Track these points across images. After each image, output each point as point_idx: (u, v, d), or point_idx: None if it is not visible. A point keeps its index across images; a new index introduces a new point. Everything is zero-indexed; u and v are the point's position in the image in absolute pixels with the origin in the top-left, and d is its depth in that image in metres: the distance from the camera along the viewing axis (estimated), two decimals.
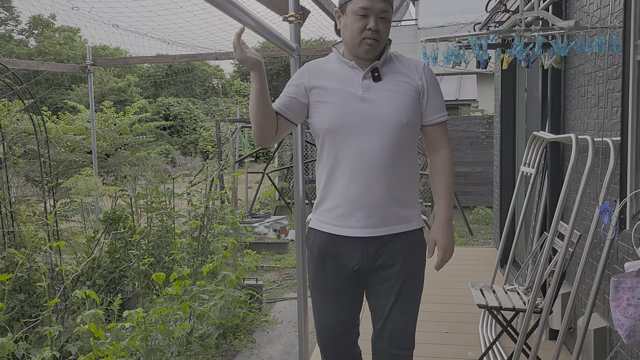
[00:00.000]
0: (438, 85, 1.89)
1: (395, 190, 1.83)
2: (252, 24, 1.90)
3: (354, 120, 1.79)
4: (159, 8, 5.46)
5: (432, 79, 1.88)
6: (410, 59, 1.91)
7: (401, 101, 1.81)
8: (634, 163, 2.18)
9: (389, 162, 1.80)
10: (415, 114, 1.83)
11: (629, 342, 1.82)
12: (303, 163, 2.55)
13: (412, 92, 1.83)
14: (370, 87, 1.81)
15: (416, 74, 1.86)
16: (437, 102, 1.87)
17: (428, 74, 1.88)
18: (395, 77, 1.84)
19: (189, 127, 24.07)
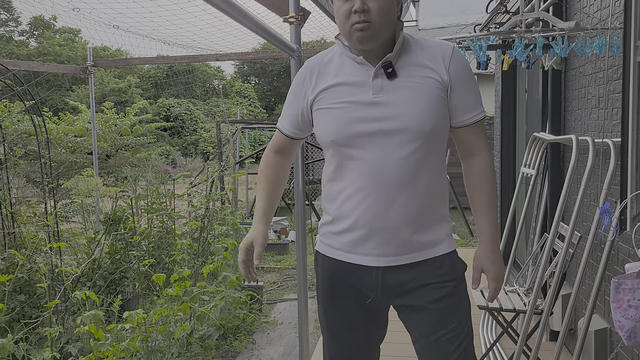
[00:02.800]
0: (470, 75, 1.50)
1: (419, 212, 1.48)
2: (253, 25, 1.90)
3: (364, 130, 1.45)
4: (159, 9, 5.46)
5: (463, 68, 1.48)
6: (434, 44, 1.50)
7: (423, 103, 1.43)
8: (634, 164, 2.18)
9: (411, 179, 1.45)
10: (441, 118, 1.46)
11: (630, 343, 1.82)
12: (303, 164, 2.55)
13: (436, 89, 1.45)
14: (383, 87, 1.45)
15: (442, 64, 1.46)
16: (470, 98, 1.49)
17: (457, 62, 1.47)
18: (414, 70, 1.46)
19: (189, 128, 24.08)
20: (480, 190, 1.54)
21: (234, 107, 24.29)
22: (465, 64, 1.51)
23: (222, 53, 6.42)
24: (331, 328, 1.63)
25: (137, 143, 11.55)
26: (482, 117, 1.52)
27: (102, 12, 5.76)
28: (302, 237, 2.57)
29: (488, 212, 1.53)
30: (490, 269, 1.55)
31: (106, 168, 10.95)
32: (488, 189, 1.54)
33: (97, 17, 5.57)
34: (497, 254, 1.55)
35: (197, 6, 5.65)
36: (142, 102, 13.56)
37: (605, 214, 2.28)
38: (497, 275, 1.55)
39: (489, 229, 1.54)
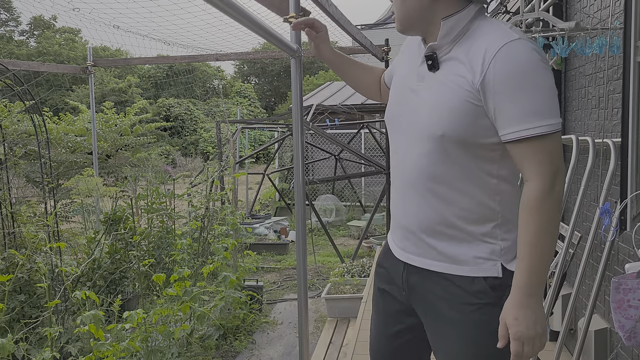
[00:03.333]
0: (520, 81, 1.19)
1: (435, 221, 1.34)
2: (253, 25, 1.90)
3: (400, 115, 1.40)
4: (159, 9, 5.46)
5: (508, 71, 1.19)
6: (489, 35, 1.25)
7: (443, 104, 1.27)
8: (634, 164, 2.18)
9: (424, 183, 1.34)
10: (458, 126, 1.25)
11: (630, 343, 1.82)
12: (303, 164, 2.55)
13: (463, 92, 1.24)
14: (425, 76, 1.33)
15: (481, 62, 1.22)
16: (515, 108, 1.20)
17: (501, 63, 1.19)
18: (453, 67, 1.28)
19: (189, 128, 24.08)
20: (523, 226, 1.24)
21: (234, 107, 24.30)
22: (517, 64, 1.19)
23: (222, 53, 6.42)
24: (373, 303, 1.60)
25: (137, 143, 11.55)
26: (529, 134, 1.19)
27: (102, 12, 5.76)
28: (302, 237, 2.57)
29: (527, 254, 1.22)
30: (512, 325, 1.22)
31: (106, 168, 10.95)
32: (531, 227, 1.22)
33: (97, 17, 5.57)
34: (525, 308, 1.21)
35: (197, 6, 5.65)
36: (142, 102, 13.57)
37: (605, 214, 2.28)
38: (520, 334, 1.21)
39: (519, 274, 1.23)
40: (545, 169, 1.21)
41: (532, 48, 1.21)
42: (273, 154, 11.00)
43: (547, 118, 1.20)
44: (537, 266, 1.21)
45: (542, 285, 1.23)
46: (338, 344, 3.82)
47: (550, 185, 1.21)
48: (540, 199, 1.21)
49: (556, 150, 1.22)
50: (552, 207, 1.21)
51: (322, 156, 10.26)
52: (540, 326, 1.22)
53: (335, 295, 4.43)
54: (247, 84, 31.43)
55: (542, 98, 1.20)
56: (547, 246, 1.21)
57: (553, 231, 1.22)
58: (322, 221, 6.69)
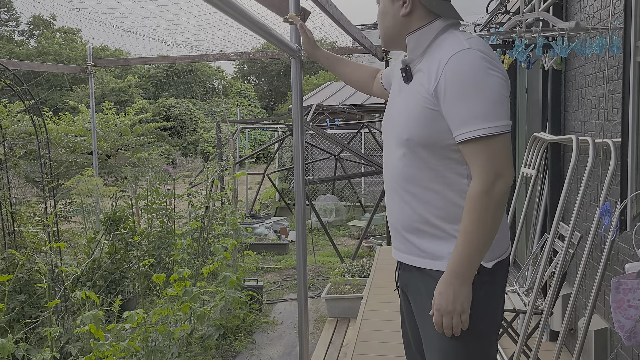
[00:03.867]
0: (470, 85, 1.30)
1: (413, 219, 1.46)
2: (253, 25, 1.90)
3: (387, 122, 1.55)
4: (159, 9, 5.46)
5: (457, 76, 1.31)
6: (445, 47, 1.37)
7: (407, 112, 1.42)
8: (634, 164, 2.18)
9: (404, 186, 1.46)
10: (423, 131, 1.37)
11: (630, 343, 1.82)
12: (303, 164, 2.55)
13: (421, 99, 1.37)
14: (402, 88, 1.48)
15: (435, 72, 1.35)
16: (459, 112, 1.31)
17: (451, 70, 1.31)
18: (419, 78, 1.41)
19: (189, 128, 24.09)
20: (463, 216, 1.35)
21: (234, 107, 24.30)
22: (463, 71, 1.31)
23: (222, 53, 6.42)
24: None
25: (137, 143, 11.55)
26: (473, 136, 1.29)
27: (102, 12, 5.76)
28: (302, 237, 2.57)
29: (459, 242, 1.34)
30: (436, 297, 1.37)
31: (106, 168, 10.95)
32: (466, 219, 1.33)
33: (97, 17, 5.57)
34: (449, 286, 1.35)
35: (197, 6, 5.65)
36: (142, 102, 13.56)
37: (606, 214, 2.28)
38: (439, 307, 1.36)
39: (452, 257, 1.36)
40: (486, 169, 1.30)
41: (480, 57, 1.32)
42: (273, 154, 11.00)
43: (491, 121, 1.29)
44: (467, 254, 1.33)
45: (471, 271, 1.35)
46: (338, 344, 3.82)
47: (489, 186, 1.30)
48: (477, 197, 1.31)
49: (499, 152, 1.30)
50: (488, 205, 1.30)
51: (322, 156, 10.26)
52: (460, 304, 1.35)
53: (335, 295, 4.44)
54: (247, 84, 31.43)
55: (486, 102, 1.29)
56: (479, 239, 1.32)
57: (487, 227, 1.32)
58: (322, 221, 6.69)
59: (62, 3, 5.19)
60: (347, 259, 5.97)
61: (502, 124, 1.30)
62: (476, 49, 1.33)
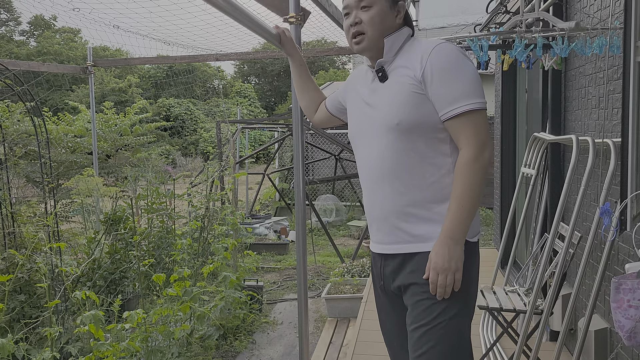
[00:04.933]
0: (451, 70, 1.52)
1: (401, 204, 1.58)
2: (253, 25, 1.90)
3: (360, 127, 1.69)
4: (159, 9, 5.46)
5: (440, 63, 1.52)
6: (422, 44, 1.60)
7: (396, 100, 1.57)
8: (634, 164, 2.18)
9: (392, 172, 1.58)
10: (413, 113, 1.54)
11: (630, 343, 1.82)
12: (303, 164, 2.55)
13: (408, 85, 1.55)
14: (377, 89, 1.64)
15: (419, 62, 1.54)
16: (448, 92, 1.50)
17: (435, 58, 1.52)
18: (399, 72, 1.59)
19: (189, 128, 24.08)
20: (454, 185, 1.51)
21: (234, 107, 24.29)
22: (445, 59, 1.52)
23: (222, 53, 6.42)
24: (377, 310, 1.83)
25: (137, 143, 11.54)
26: (457, 112, 1.49)
27: (102, 12, 5.76)
28: (302, 237, 2.57)
29: (453, 207, 1.49)
30: (432, 257, 1.51)
31: (106, 168, 10.94)
32: (458, 185, 1.49)
33: (97, 17, 5.58)
34: (444, 246, 1.48)
35: (197, 6, 5.66)
36: (142, 102, 13.56)
37: (606, 214, 2.28)
38: (435, 265, 1.49)
39: (446, 221, 1.50)
40: (474, 139, 1.49)
41: (455, 47, 1.56)
42: (273, 154, 11.00)
43: (473, 98, 1.50)
44: (461, 217, 1.48)
45: (463, 233, 1.49)
46: (338, 344, 3.82)
47: (479, 152, 1.49)
48: (469, 163, 1.48)
49: (482, 124, 1.52)
50: (478, 169, 1.48)
51: (322, 156, 10.26)
52: (455, 263, 1.48)
53: (335, 295, 4.44)
54: (247, 84, 31.42)
55: (467, 83, 1.51)
56: (471, 202, 1.48)
57: (477, 190, 1.48)
58: (322, 221, 6.69)
59: (62, 3, 5.20)
60: (347, 259, 5.97)
61: (482, 101, 1.52)
62: (450, 42, 1.58)
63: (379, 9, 1.61)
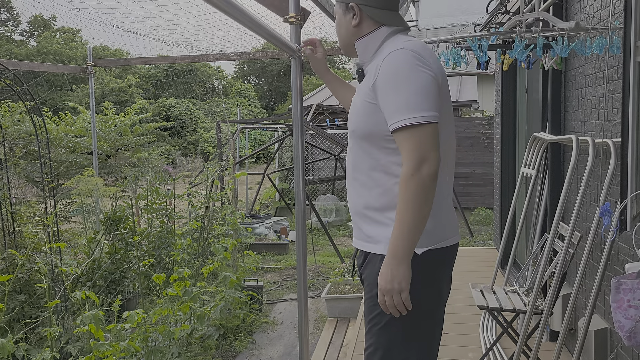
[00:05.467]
0: (400, 79, 1.47)
1: (359, 205, 1.64)
2: (253, 25, 1.90)
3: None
4: (159, 9, 5.46)
5: (389, 71, 1.48)
6: (386, 49, 1.57)
7: (354, 107, 1.62)
8: (634, 164, 2.18)
9: (352, 174, 1.65)
10: (364, 123, 1.56)
11: (630, 343, 1.82)
12: (303, 164, 2.55)
13: (364, 94, 1.57)
14: (358, 88, 1.68)
15: (375, 69, 1.54)
16: (391, 104, 1.47)
17: (383, 69, 1.50)
18: (367, 76, 1.62)
19: (189, 128, 24.08)
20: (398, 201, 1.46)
21: (234, 107, 24.28)
22: (390, 70, 1.48)
23: (222, 53, 6.42)
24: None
25: (137, 143, 11.54)
26: (400, 125, 1.44)
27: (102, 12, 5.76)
28: (302, 237, 2.57)
29: (395, 225, 1.45)
30: (378, 279, 1.49)
31: (106, 168, 10.93)
32: (399, 202, 1.44)
33: (97, 17, 5.57)
34: (387, 267, 1.45)
35: (197, 6, 5.65)
36: (142, 102, 13.56)
37: (606, 214, 2.28)
38: (381, 287, 1.47)
39: (391, 240, 1.46)
40: (412, 154, 1.43)
41: (411, 55, 1.48)
42: (273, 154, 10.99)
43: (414, 112, 1.43)
44: (401, 235, 1.43)
45: (406, 250, 1.44)
46: (338, 344, 3.82)
47: (416, 168, 1.42)
48: (406, 179, 1.43)
49: (424, 139, 1.43)
50: (415, 187, 1.42)
51: (322, 156, 10.26)
52: (398, 283, 1.44)
53: (335, 295, 4.44)
54: (247, 84, 31.41)
55: (412, 94, 1.44)
56: (410, 219, 1.42)
57: (415, 207, 1.42)
58: (322, 221, 6.69)
59: (62, 3, 5.19)
60: (347, 259, 5.97)
61: (425, 115, 1.43)
62: (409, 48, 1.50)
63: (337, 19, 1.70)
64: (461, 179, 9.44)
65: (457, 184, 9.13)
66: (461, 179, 9.44)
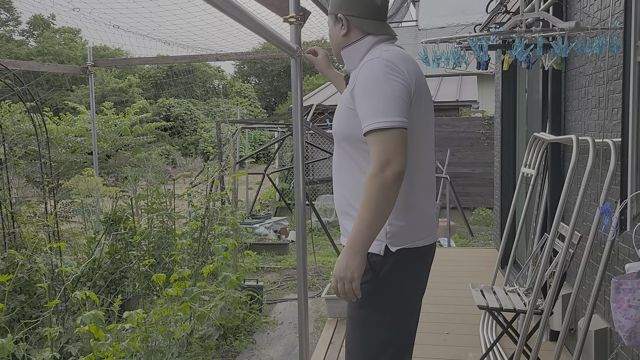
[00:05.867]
0: (367, 88, 1.59)
1: (342, 204, 1.76)
2: (253, 25, 1.90)
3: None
4: (159, 9, 5.46)
5: (361, 81, 1.61)
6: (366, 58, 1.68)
7: (338, 112, 1.74)
8: (634, 164, 2.18)
9: (336, 175, 1.79)
10: (344, 127, 1.68)
11: (630, 343, 1.82)
12: (303, 164, 2.55)
13: (345, 100, 1.69)
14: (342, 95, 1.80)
15: (354, 77, 1.67)
16: (363, 108, 1.58)
17: (361, 74, 1.62)
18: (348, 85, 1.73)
19: (189, 128, 24.08)
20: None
21: (234, 107, 24.29)
22: (364, 77, 1.59)
23: (222, 53, 6.42)
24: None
25: (137, 143, 11.54)
26: (369, 129, 1.53)
27: (102, 12, 5.76)
28: (302, 237, 2.57)
29: (357, 219, 1.54)
30: (335, 267, 1.59)
31: (106, 168, 10.93)
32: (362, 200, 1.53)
33: (97, 17, 5.57)
34: (343, 255, 1.55)
35: (197, 6, 5.65)
36: (142, 102, 13.55)
37: (606, 214, 2.28)
38: (335, 273, 1.58)
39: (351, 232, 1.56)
40: (378, 157, 1.51)
41: (384, 64, 1.58)
42: (273, 154, 10.99)
43: (382, 116, 1.52)
44: (359, 229, 1.52)
45: (363, 244, 1.53)
46: (338, 344, 3.82)
47: (380, 169, 1.50)
48: (370, 178, 1.51)
49: (390, 142, 1.51)
50: (378, 186, 1.49)
51: (322, 156, 10.25)
52: (351, 272, 1.53)
53: (335, 295, 4.43)
54: (247, 84, 31.41)
55: (380, 101, 1.54)
56: (369, 215, 1.51)
57: (375, 206, 1.50)
58: (322, 221, 6.69)
59: (62, 3, 5.19)
60: None
61: (393, 120, 1.52)
62: (384, 58, 1.61)
63: (329, 29, 1.83)
64: (461, 179, 9.44)
65: (457, 184, 9.13)
66: (461, 179, 9.44)
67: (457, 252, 6.18)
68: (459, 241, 7.49)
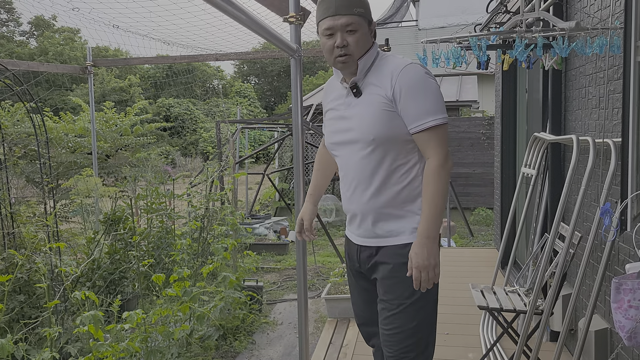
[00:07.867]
0: (419, 89, 1.71)
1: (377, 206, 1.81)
2: (253, 25, 1.90)
3: (340, 138, 1.86)
4: (159, 9, 5.46)
5: (409, 83, 1.71)
6: (391, 64, 1.78)
7: (368, 117, 1.76)
8: (634, 164, 2.17)
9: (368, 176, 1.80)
10: (386, 128, 1.73)
11: (630, 343, 1.82)
12: (303, 164, 2.55)
13: (382, 103, 1.74)
14: (351, 103, 1.82)
15: (389, 81, 1.73)
16: (414, 109, 1.70)
17: (403, 78, 1.71)
18: (372, 89, 1.78)
19: (189, 128, 24.07)
20: (424, 189, 1.73)
21: (233, 107, 24.28)
22: (412, 79, 1.71)
23: (222, 53, 6.41)
24: (350, 291, 2.09)
25: (136, 143, 11.54)
26: (425, 127, 1.70)
27: (101, 12, 5.76)
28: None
29: (426, 209, 1.70)
30: (412, 257, 1.70)
31: (106, 168, 10.93)
32: (429, 189, 1.71)
33: (96, 17, 5.57)
34: (423, 246, 1.69)
35: (197, 6, 5.66)
36: (142, 102, 13.55)
37: (606, 214, 2.28)
38: (418, 264, 1.69)
39: (421, 224, 1.71)
40: (439, 150, 1.71)
41: (421, 68, 1.75)
42: (273, 154, 10.99)
43: (436, 114, 1.71)
44: (433, 218, 1.69)
45: (437, 230, 1.71)
46: (338, 344, 3.82)
47: (444, 161, 1.71)
48: (438, 169, 1.70)
49: (445, 137, 1.74)
50: (444, 176, 1.70)
51: None
52: (433, 259, 1.69)
53: (335, 295, 4.43)
54: (247, 84, 31.41)
55: (431, 101, 1.71)
56: (440, 204, 1.70)
57: (444, 194, 1.71)
58: (322, 221, 6.68)
59: (62, 3, 5.19)
60: None
61: (445, 116, 1.73)
62: (416, 63, 1.79)
63: (362, 33, 1.78)
64: (461, 179, 9.44)
65: (457, 184, 9.13)
66: (461, 179, 9.44)
67: (457, 252, 6.18)
68: (459, 241, 7.49)
